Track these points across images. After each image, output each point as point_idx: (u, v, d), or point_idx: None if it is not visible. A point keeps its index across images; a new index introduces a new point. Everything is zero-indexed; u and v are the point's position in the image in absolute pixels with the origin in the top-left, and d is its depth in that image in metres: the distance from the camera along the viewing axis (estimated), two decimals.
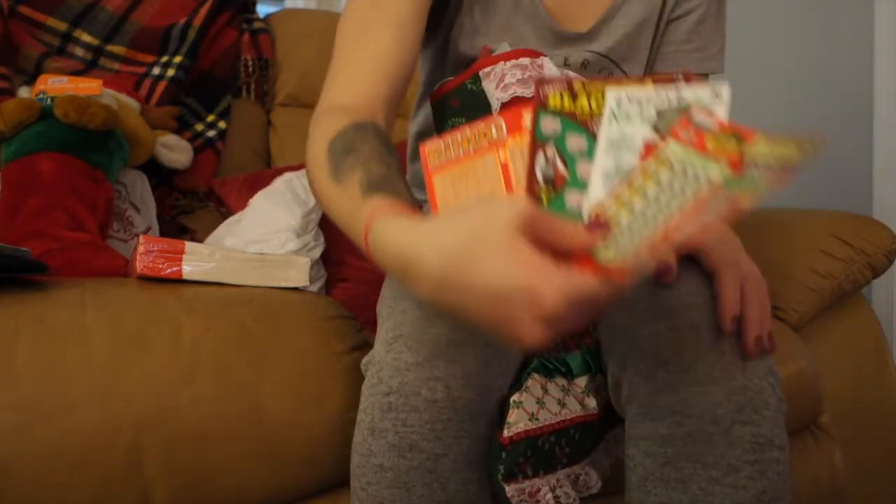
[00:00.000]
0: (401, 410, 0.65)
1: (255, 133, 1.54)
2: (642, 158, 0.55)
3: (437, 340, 0.66)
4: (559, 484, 0.70)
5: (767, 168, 0.50)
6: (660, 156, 0.55)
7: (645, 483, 0.66)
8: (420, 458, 0.64)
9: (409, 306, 0.69)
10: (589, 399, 0.73)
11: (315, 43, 1.59)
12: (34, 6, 1.41)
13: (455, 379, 0.65)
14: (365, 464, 0.66)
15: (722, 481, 0.63)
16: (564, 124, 0.59)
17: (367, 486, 0.66)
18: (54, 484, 0.70)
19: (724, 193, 0.50)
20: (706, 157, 0.53)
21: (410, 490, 0.64)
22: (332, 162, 0.65)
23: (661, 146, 0.55)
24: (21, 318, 0.75)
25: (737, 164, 0.52)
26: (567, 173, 0.57)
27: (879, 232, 1.19)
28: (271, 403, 0.77)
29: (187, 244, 0.87)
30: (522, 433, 0.67)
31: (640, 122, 0.57)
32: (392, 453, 0.65)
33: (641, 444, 0.66)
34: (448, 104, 0.79)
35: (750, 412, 0.64)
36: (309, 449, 0.78)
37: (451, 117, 0.78)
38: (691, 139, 0.55)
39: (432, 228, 0.52)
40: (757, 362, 0.66)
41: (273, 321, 0.82)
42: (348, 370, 0.81)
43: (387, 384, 0.66)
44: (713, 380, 0.64)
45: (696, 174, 0.53)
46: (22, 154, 1.11)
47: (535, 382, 0.70)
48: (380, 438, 0.65)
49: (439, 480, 0.65)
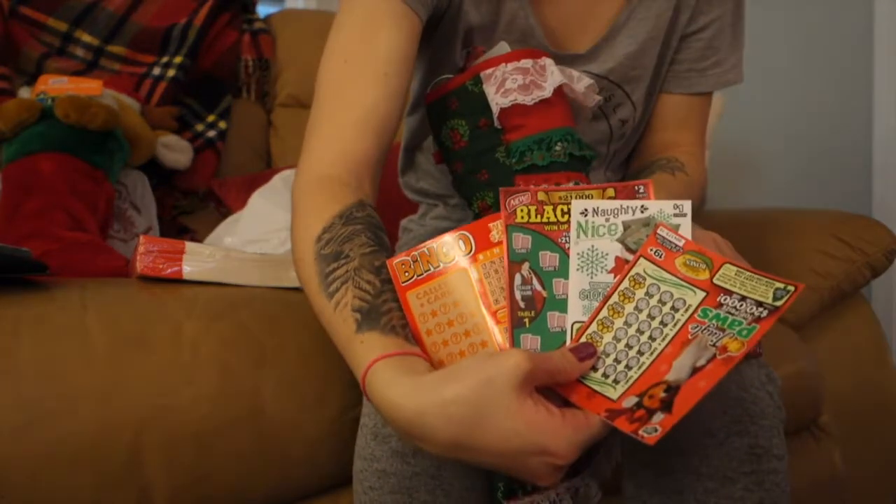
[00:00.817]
0: None
1: (255, 133, 1.54)
2: (616, 275, 0.59)
3: None
4: (559, 498, 0.69)
5: (742, 302, 0.55)
6: (633, 276, 0.58)
7: (641, 492, 0.66)
8: (423, 464, 0.64)
9: None
10: None
11: (315, 43, 1.57)
12: (34, 6, 1.41)
13: None
14: (368, 468, 0.66)
15: (718, 493, 0.63)
16: (535, 240, 0.61)
17: (370, 491, 0.66)
18: (54, 484, 0.71)
19: (709, 331, 0.54)
20: (679, 280, 0.57)
21: (413, 496, 0.64)
22: (321, 272, 0.62)
23: (634, 265, 0.59)
24: (21, 318, 0.75)
25: (709, 289, 0.56)
26: (545, 292, 0.59)
27: (879, 232, 1.19)
28: (271, 403, 0.77)
29: (187, 244, 0.87)
30: None
31: (608, 236, 0.60)
32: (395, 459, 0.64)
33: (637, 454, 0.66)
34: (446, 106, 0.78)
35: (747, 423, 0.64)
36: (309, 449, 0.78)
37: (449, 119, 0.77)
38: (661, 258, 0.58)
39: (437, 397, 0.50)
40: (754, 371, 0.66)
41: (273, 321, 0.82)
42: (348, 370, 0.81)
43: None
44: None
45: (671, 297, 0.56)
46: (22, 154, 1.11)
47: None
48: (383, 444, 0.65)
49: (442, 487, 0.64)
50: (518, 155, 0.75)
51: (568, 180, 0.75)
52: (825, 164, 1.79)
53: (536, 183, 0.74)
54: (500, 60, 0.76)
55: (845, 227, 1.19)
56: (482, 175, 0.77)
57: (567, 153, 0.75)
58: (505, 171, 0.77)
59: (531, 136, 0.75)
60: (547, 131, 0.76)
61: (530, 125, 0.75)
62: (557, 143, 0.75)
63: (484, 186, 0.77)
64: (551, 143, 0.75)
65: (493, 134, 0.76)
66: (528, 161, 0.74)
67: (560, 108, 0.77)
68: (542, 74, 0.75)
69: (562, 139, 0.75)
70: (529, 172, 0.75)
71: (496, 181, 0.76)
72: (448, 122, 0.78)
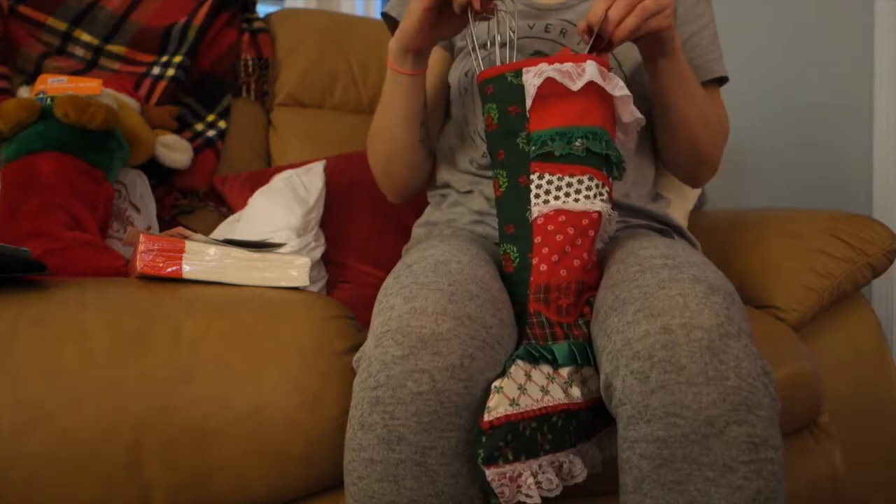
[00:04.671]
0: (388, 403, 0.66)
1: (255, 133, 1.54)
2: None
3: (421, 334, 0.67)
4: (541, 470, 0.70)
5: None
6: None
7: (641, 486, 0.66)
8: (408, 450, 0.65)
9: (397, 302, 0.70)
10: (573, 389, 0.73)
11: (315, 43, 1.59)
12: (34, 6, 1.41)
13: (440, 371, 0.66)
14: (356, 458, 0.67)
15: (718, 482, 0.63)
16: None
17: (358, 481, 0.67)
18: (54, 484, 0.71)
19: None
20: None
21: (399, 483, 0.65)
22: None
23: None
24: (21, 318, 0.75)
25: None
26: None
27: (879, 232, 1.19)
28: (271, 403, 0.77)
29: (187, 243, 0.86)
30: (503, 418, 0.67)
31: None
32: (381, 447, 0.66)
33: (636, 446, 0.66)
34: (483, 90, 0.83)
35: (744, 412, 0.64)
36: (309, 449, 0.78)
37: (486, 103, 0.83)
38: None
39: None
40: (751, 363, 0.66)
41: (273, 321, 0.82)
42: (348, 370, 0.81)
43: (375, 378, 0.67)
44: (707, 380, 0.64)
45: None
46: (22, 154, 1.11)
47: (519, 369, 0.71)
48: (369, 432, 0.66)
49: (428, 474, 0.66)
50: (539, 143, 0.78)
51: (582, 174, 0.77)
52: (825, 164, 1.79)
53: (551, 172, 0.78)
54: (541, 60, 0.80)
55: (845, 227, 1.19)
56: (500, 154, 0.82)
57: (585, 149, 0.77)
58: (521, 156, 0.80)
59: (555, 128, 0.78)
60: (571, 126, 0.77)
61: (556, 119, 0.78)
62: (578, 139, 0.77)
63: (498, 165, 0.82)
64: (572, 138, 0.78)
65: (520, 120, 0.80)
66: (547, 149, 0.77)
67: (592, 108, 0.79)
68: (581, 76, 0.78)
69: (584, 136, 0.78)
70: (545, 161, 0.77)
71: (510, 163, 0.81)
72: (485, 106, 0.83)
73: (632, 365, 0.67)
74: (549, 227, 0.77)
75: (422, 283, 0.72)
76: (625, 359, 0.68)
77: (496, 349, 0.71)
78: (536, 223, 0.78)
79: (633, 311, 0.69)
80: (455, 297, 0.70)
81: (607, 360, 0.70)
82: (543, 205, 0.78)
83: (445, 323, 0.68)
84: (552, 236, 0.77)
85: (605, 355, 0.70)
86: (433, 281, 0.72)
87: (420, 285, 0.71)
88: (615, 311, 0.71)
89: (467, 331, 0.69)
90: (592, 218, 0.78)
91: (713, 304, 0.68)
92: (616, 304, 0.72)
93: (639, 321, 0.68)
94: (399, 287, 0.73)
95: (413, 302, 0.70)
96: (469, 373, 0.68)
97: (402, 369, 0.67)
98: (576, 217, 0.77)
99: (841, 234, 1.18)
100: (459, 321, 0.69)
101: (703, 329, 0.66)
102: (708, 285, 0.69)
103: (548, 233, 0.77)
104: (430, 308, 0.69)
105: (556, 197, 0.77)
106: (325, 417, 0.79)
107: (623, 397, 0.68)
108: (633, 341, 0.67)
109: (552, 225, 0.77)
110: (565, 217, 0.77)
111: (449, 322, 0.68)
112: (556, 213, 0.77)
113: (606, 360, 0.70)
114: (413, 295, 0.70)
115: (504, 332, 0.74)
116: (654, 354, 0.66)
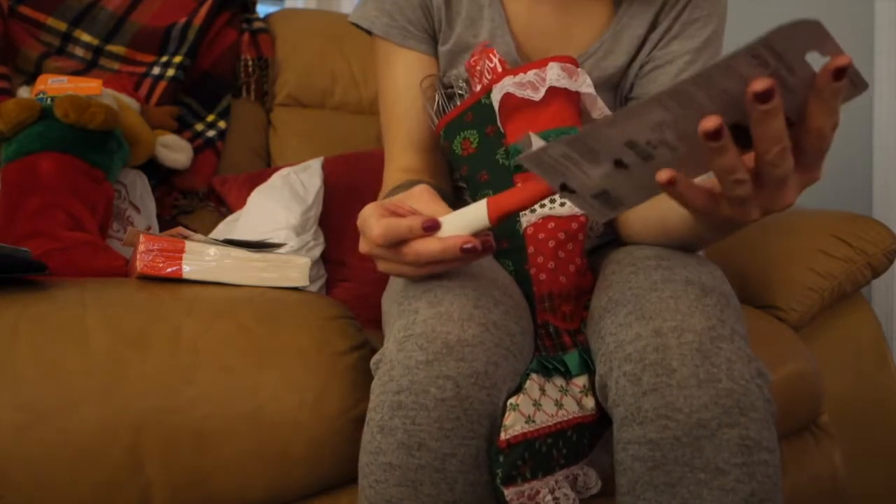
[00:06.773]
0: (410, 408, 0.65)
1: (255, 133, 1.54)
2: None
3: (447, 339, 0.66)
4: (558, 486, 0.70)
5: None
6: None
7: (634, 487, 0.66)
8: (428, 456, 0.64)
9: (421, 306, 0.69)
10: (587, 399, 0.73)
11: (315, 43, 1.59)
12: (34, 6, 1.41)
13: (464, 378, 0.65)
14: (373, 462, 0.66)
15: (710, 484, 0.63)
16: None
17: (376, 485, 0.66)
18: (54, 484, 0.70)
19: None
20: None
21: (418, 489, 0.64)
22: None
23: None
24: (21, 318, 0.75)
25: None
26: None
27: (879, 232, 1.19)
28: (271, 403, 0.77)
29: (187, 243, 0.86)
30: (520, 436, 0.67)
31: None
32: (400, 451, 0.65)
33: (630, 448, 0.66)
34: (462, 119, 0.84)
35: (737, 415, 0.64)
36: (309, 449, 0.78)
37: (463, 130, 0.84)
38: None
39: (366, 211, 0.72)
40: (744, 365, 0.66)
41: (273, 321, 0.82)
42: (348, 370, 0.81)
43: (397, 382, 0.66)
44: (698, 382, 0.64)
45: None
46: (22, 154, 1.11)
47: (533, 383, 0.70)
48: (389, 436, 0.65)
49: (447, 480, 0.65)
50: (515, 154, 0.77)
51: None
52: (825, 164, 1.79)
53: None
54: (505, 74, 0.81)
55: (845, 227, 1.19)
56: (482, 176, 0.83)
57: None
58: (503, 171, 0.81)
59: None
60: (546, 131, 0.77)
61: (530, 127, 0.79)
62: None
63: (483, 186, 0.83)
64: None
65: (497, 138, 0.81)
66: None
67: (563, 109, 0.79)
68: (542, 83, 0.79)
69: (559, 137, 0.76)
70: (526, 171, 0.77)
71: (494, 181, 0.81)
72: (461, 133, 0.84)
73: (624, 367, 0.67)
74: (540, 235, 0.78)
75: (447, 287, 0.70)
76: (617, 361, 0.68)
77: (518, 358, 0.70)
78: (527, 233, 0.78)
79: (625, 313, 0.69)
80: (480, 303, 0.69)
81: (601, 361, 0.70)
82: (531, 214, 0.78)
83: (471, 329, 0.67)
84: (544, 244, 0.77)
85: (600, 357, 0.70)
86: (458, 285, 0.70)
87: (445, 289, 0.70)
88: (608, 313, 0.71)
89: (492, 338, 0.68)
90: (581, 221, 0.78)
91: (705, 306, 0.67)
92: (609, 306, 0.72)
93: (630, 323, 0.68)
94: (423, 290, 0.71)
95: (439, 307, 0.68)
96: (493, 381, 0.67)
97: (426, 375, 0.65)
98: (565, 222, 0.78)
99: (841, 234, 1.18)
100: (485, 328, 0.68)
101: (694, 332, 0.66)
102: (701, 287, 0.69)
103: (539, 241, 0.78)
104: (456, 313, 0.67)
105: (542, 205, 0.78)
106: (326, 417, 0.79)
107: (617, 399, 0.68)
108: (625, 344, 0.67)
109: (542, 233, 0.78)
110: (554, 223, 0.77)
111: (475, 328, 0.67)
112: (544, 220, 0.78)
113: (601, 361, 0.70)
114: (438, 299, 0.69)
115: (525, 340, 0.73)
116: (646, 357, 0.66)
